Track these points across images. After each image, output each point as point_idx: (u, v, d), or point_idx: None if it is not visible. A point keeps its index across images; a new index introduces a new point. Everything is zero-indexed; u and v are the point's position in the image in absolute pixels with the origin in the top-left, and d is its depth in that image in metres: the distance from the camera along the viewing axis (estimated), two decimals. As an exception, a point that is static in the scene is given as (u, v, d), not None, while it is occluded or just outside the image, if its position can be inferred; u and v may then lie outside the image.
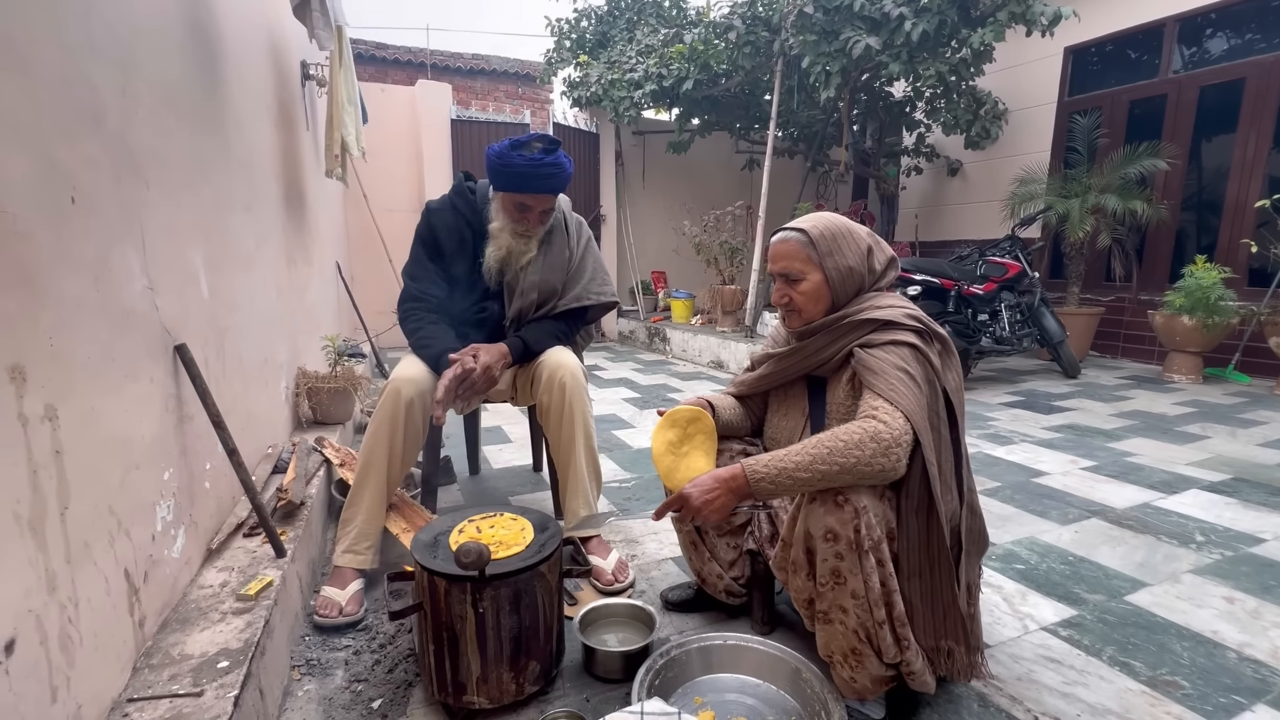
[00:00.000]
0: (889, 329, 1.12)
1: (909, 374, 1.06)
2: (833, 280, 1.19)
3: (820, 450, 0.99)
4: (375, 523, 1.55)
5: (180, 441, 1.23)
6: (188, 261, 1.34)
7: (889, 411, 1.02)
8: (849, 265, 1.19)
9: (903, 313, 1.14)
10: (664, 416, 1.29)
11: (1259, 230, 4.21)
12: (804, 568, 1.06)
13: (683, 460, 1.25)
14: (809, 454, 1.00)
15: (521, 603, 1.09)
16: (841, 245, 1.19)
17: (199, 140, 1.48)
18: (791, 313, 1.24)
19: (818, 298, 1.20)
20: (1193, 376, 4.21)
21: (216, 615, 1.14)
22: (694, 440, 1.27)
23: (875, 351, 1.10)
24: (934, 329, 1.14)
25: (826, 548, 1.00)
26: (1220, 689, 1.21)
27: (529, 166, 1.62)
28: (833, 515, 0.99)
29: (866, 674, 1.04)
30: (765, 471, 1.02)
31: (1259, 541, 1.85)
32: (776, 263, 1.22)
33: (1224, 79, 4.56)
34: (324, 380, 2.42)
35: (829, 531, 0.99)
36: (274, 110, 2.37)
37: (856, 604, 1.00)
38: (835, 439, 1.00)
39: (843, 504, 0.98)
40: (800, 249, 1.19)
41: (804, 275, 1.19)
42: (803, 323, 1.23)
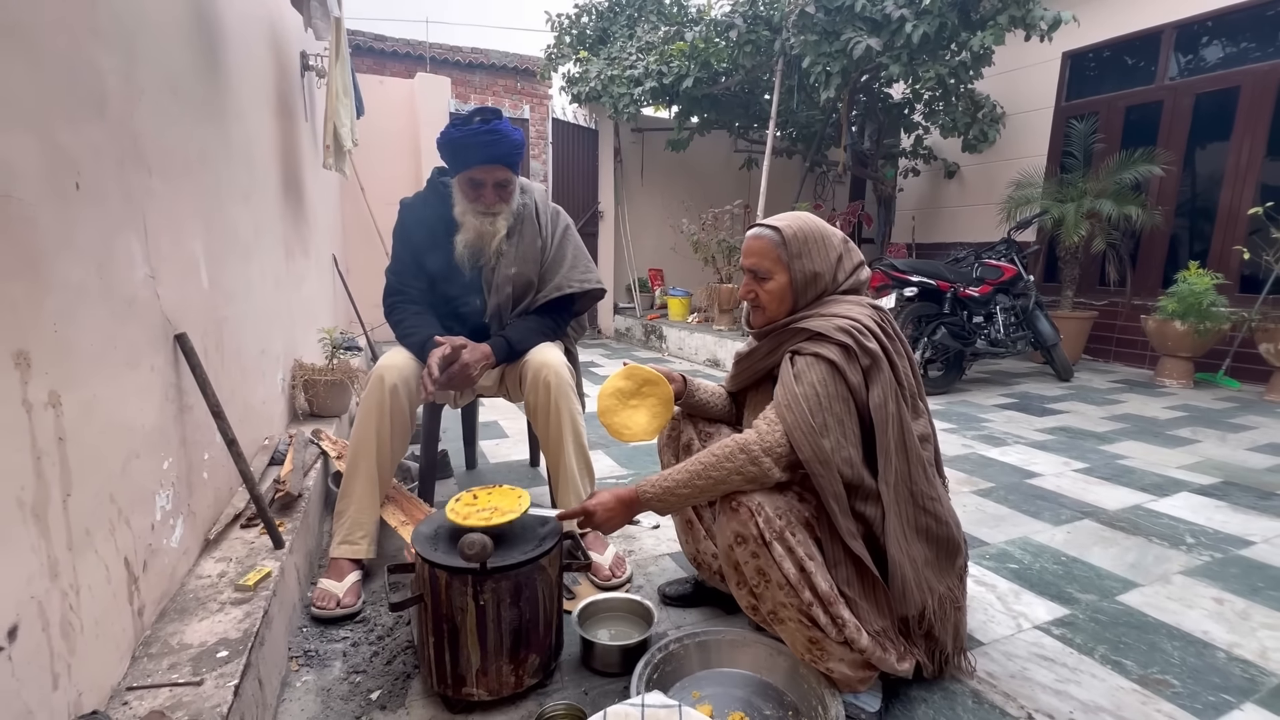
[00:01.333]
0: (818, 340, 1.13)
1: (815, 391, 1.08)
2: (796, 283, 1.21)
3: (696, 467, 1.10)
4: (369, 512, 1.55)
5: (180, 431, 1.23)
6: (188, 250, 1.33)
7: (770, 422, 1.09)
8: (815, 270, 1.21)
9: (840, 324, 1.12)
10: (625, 367, 1.37)
11: (1251, 237, 4.25)
12: (734, 577, 1.12)
13: (625, 409, 1.34)
14: (687, 471, 1.10)
15: (522, 596, 1.10)
16: (811, 249, 1.21)
17: (200, 129, 1.48)
18: (756, 309, 1.27)
19: (782, 298, 1.22)
20: (1184, 381, 4.25)
21: (215, 605, 1.13)
22: (646, 401, 1.34)
23: (797, 360, 1.14)
24: (863, 345, 1.11)
25: (742, 551, 1.06)
26: (1210, 688, 1.23)
27: (466, 136, 1.62)
28: (734, 521, 1.06)
29: (837, 660, 1.07)
30: (653, 491, 1.12)
31: (1248, 544, 1.87)
32: (748, 258, 1.25)
33: (1219, 86, 4.60)
34: (321, 373, 2.41)
35: (737, 536, 1.06)
36: (274, 101, 2.36)
37: (785, 593, 1.05)
38: (710, 454, 1.10)
39: (737, 508, 1.06)
40: (771, 247, 1.21)
41: (771, 274, 1.22)
42: (764, 321, 1.26)
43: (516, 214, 1.77)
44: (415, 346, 1.67)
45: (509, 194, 1.73)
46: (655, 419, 1.34)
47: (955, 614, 1.19)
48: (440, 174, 1.79)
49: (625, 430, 1.34)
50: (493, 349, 1.68)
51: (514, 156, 1.68)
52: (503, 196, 1.72)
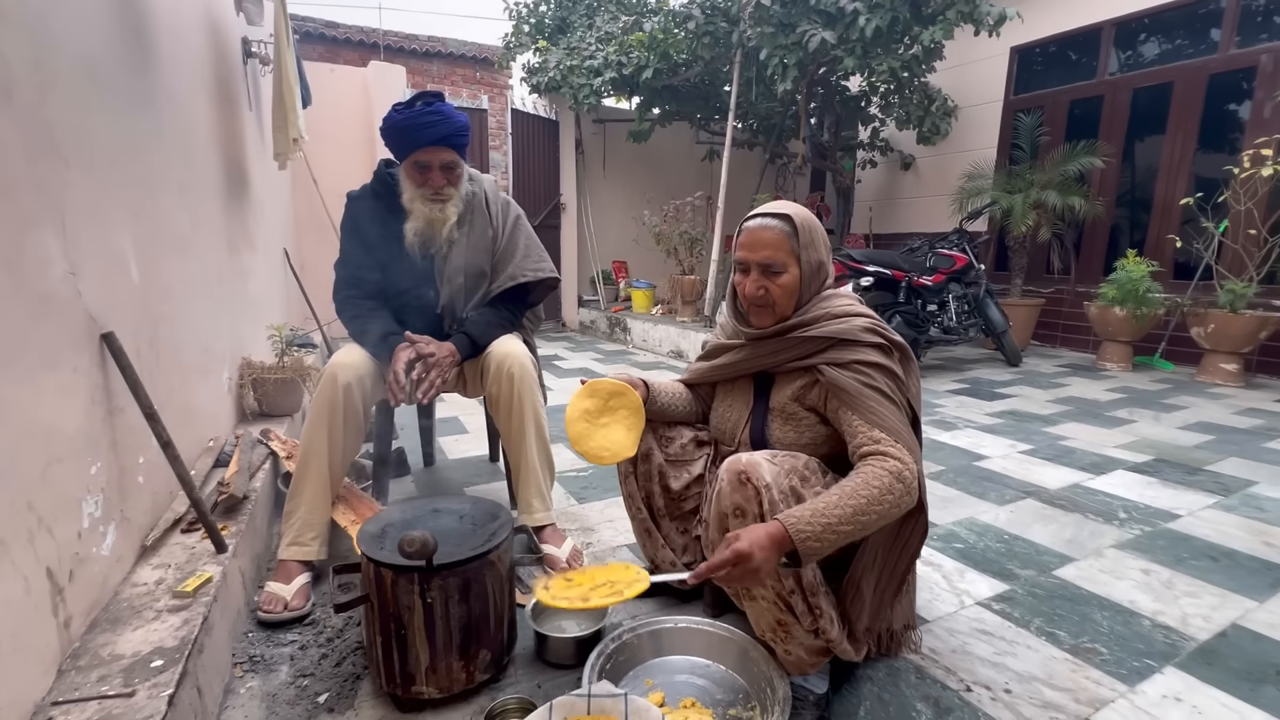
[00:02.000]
0: (852, 347, 1.12)
1: (886, 395, 1.08)
2: (805, 275, 1.16)
3: (856, 502, 0.96)
4: (320, 513, 1.51)
5: (110, 434, 1.18)
6: (115, 245, 1.28)
7: (895, 446, 1.03)
8: (820, 260, 1.17)
9: (861, 326, 1.13)
10: (585, 385, 1.29)
11: (1184, 227, 4.47)
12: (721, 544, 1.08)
13: (599, 429, 1.26)
14: (847, 506, 0.96)
15: (471, 592, 1.09)
16: (816, 238, 1.17)
17: (127, 117, 1.41)
18: (764, 308, 1.18)
19: (793, 293, 1.16)
20: (1123, 364, 4.46)
21: (151, 613, 1.10)
22: (616, 414, 1.28)
23: (846, 374, 1.10)
24: (893, 339, 1.13)
25: (737, 524, 1.04)
26: (1135, 654, 1.30)
27: (409, 119, 1.60)
28: (739, 493, 1.02)
29: (798, 644, 1.08)
30: (809, 530, 0.93)
31: (1175, 517, 1.98)
32: (758, 251, 1.15)
33: (1155, 82, 4.80)
34: (270, 371, 2.34)
35: (737, 508, 1.03)
36: (212, 88, 2.26)
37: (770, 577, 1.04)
38: (869, 487, 0.98)
39: (745, 482, 1.02)
40: (784, 238, 1.14)
41: (786, 267, 1.14)
42: (775, 319, 1.18)
43: (466, 202, 1.74)
44: (372, 344, 1.63)
45: (457, 178, 1.71)
46: (632, 431, 1.27)
47: (906, 595, 1.23)
48: (387, 166, 1.75)
49: (605, 452, 1.25)
50: (456, 347, 1.66)
51: (459, 138, 1.66)
52: (450, 180, 1.69)
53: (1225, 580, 1.60)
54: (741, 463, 1.04)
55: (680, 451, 1.40)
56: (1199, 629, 1.39)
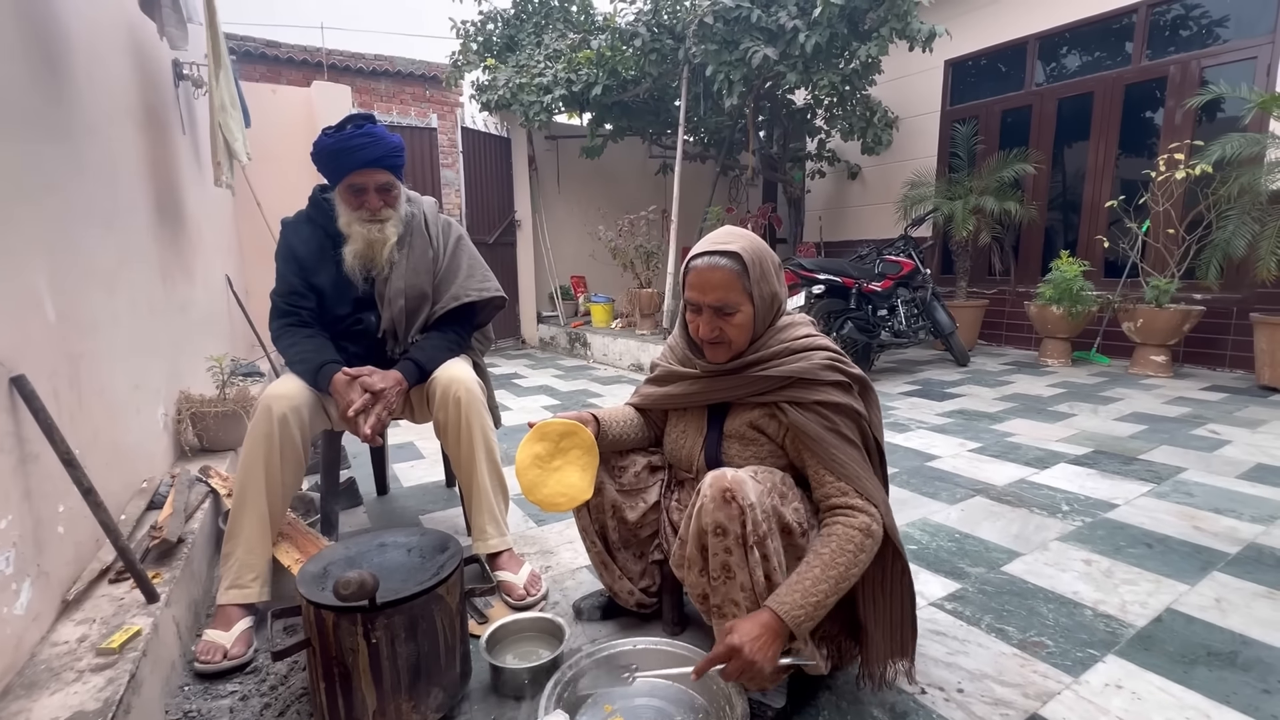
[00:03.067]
0: (813, 386, 1.11)
1: (848, 440, 1.09)
2: (759, 310, 1.14)
3: (839, 570, 1.00)
4: (259, 553, 1.45)
5: (22, 484, 1.11)
6: (26, 283, 1.21)
7: (860, 499, 1.05)
8: (773, 291, 1.15)
9: (820, 363, 1.11)
10: (533, 429, 1.24)
11: (1111, 228, 4.72)
12: (698, 563, 1.08)
13: (552, 475, 1.22)
14: (831, 577, 0.99)
15: (419, 629, 1.06)
16: (767, 270, 1.14)
17: (38, 148, 1.34)
18: (719, 345, 1.17)
19: (747, 329, 1.15)
20: (1063, 360, 4.66)
21: (71, 675, 1.03)
22: (568, 455, 1.24)
23: (809, 416, 1.10)
24: (853, 373, 1.13)
25: (716, 542, 1.03)
26: (1078, 644, 1.35)
27: (340, 142, 1.58)
28: (722, 511, 1.01)
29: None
30: (802, 614, 0.97)
31: (1113, 507, 2.07)
32: (708, 293, 1.12)
33: (1077, 92, 5.09)
34: (211, 404, 2.25)
35: (718, 526, 1.02)
36: (139, 114, 2.18)
37: (745, 596, 1.03)
38: (843, 552, 1.01)
39: (729, 500, 1.01)
40: (735, 278, 1.11)
41: (738, 307, 1.12)
42: (731, 355, 1.17)
43: (405, 223, 1.72)
44: (309, 373, 1.58)
45: (394, 199, 1.68)
46: (586, 471, 1.23)
47: None
48: (322, 191, 1.71)
49: (561, 498, 1.21)
50: (403, 374, 1.62)
51: (394, 159, 1.63)
52: (388, 201, 1.67)
53: (1159, 566, 1.67)
54: (726, 479, 1.02)
55: (634, 480, 1.37)
56: (1136, 615, 1.45)
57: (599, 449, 1.27)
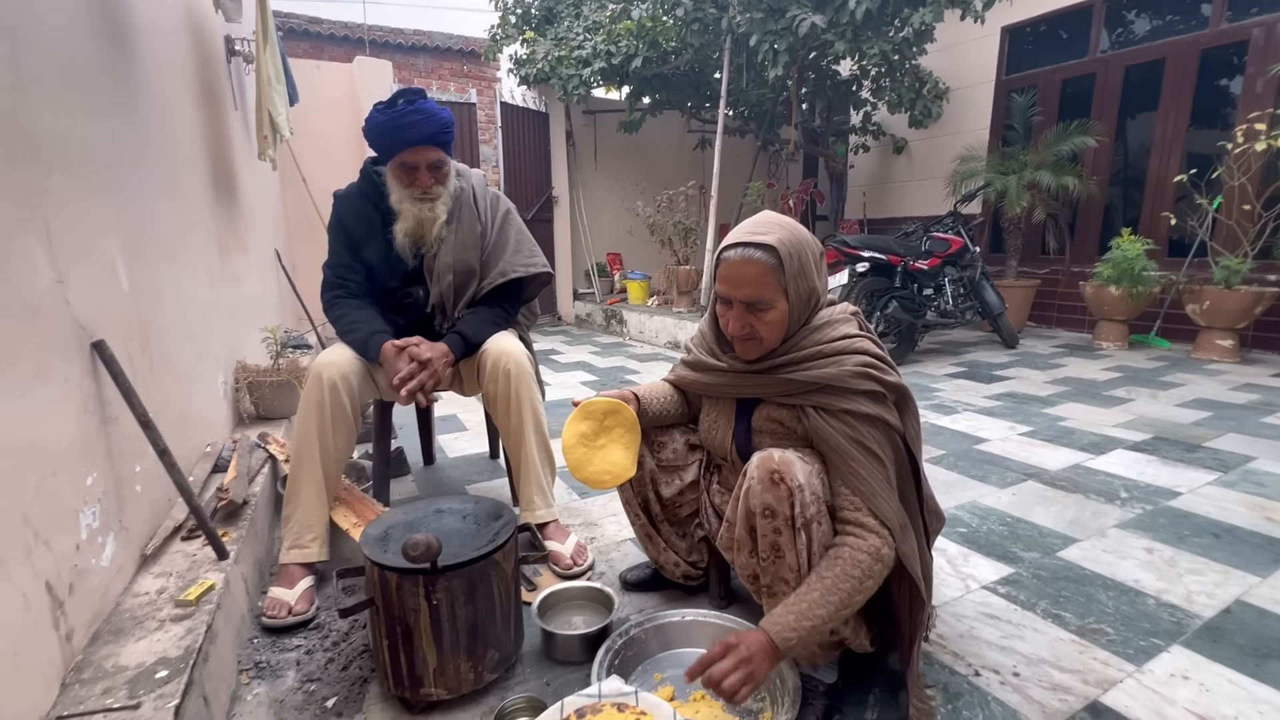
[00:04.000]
0: (843, 395, 1.04)
1: (872, 453, 1.03)
2: (794, 307, 1.07)
3: (840, 596, 0.96)
4: (317, 514, 1.50)
5: (104, 444, 1.16)
6: (103, 252, 1.25)
7: (874, 520, 1.00)
8: (811, 286, 1.09)
9: (853, 369, 1.04)
10: (578, 407, 1.24)
11: (1178, 204, 4.46)
12: (747, 545, 1.07)
13: (597, 453, 1.22)
14: (832, 602, 0.96)
15: (477, 592, 1.08)
16: (805, 264, 1.06)
17: (110, 121, 1.38)
18: (750, 342, 1.11)
19: (781, 327, 1.08)
20: (1119, 343, 4.47)
21: (154, 623, 1.09)
22: (612, 434, 1.25)
23: (834, 424, 1.04)
24: (888, 382, 1.05)
25: (765, 524, 1.02)
26: (1141, 633, 1.31)
27: (392, 120, 1.58)
28: (770, 493, 1.00)
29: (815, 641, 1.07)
30: (794, 636, 0.94)
31: (1175, 495, 1.99)
32: (740, 288, 1.05)
33: (1146, 59, 4.78)
34: (266, 374, 2.32)
35: (767, 508, 1.01)
36: (196, 90, 2.23)
37: (794, 576, 1.02)
38: (848, 577, 0.97)
39: (778, 482, 1.00)
40: (770, 274, 1.04)
41: (772, 303, 1.06)
42: (762, 352, 1.11)
43: (454, 198, 1.72)
44: (359, 343, 1.62)
45: (444, 175, 1.69)
46: (629, 448, 1.24)
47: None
48: (373, 164, 1.73)
49: (607, 475, 1.22)
50: (450, 346, 1.64)
51: (444, 135, 1.64)
52: (438, 178, 1.67)
53: (1228, 557, 1.60)
54: (774, 461, 1.01)
55: (672, 457, 1.37)
56: (1204, 606, 1.40)
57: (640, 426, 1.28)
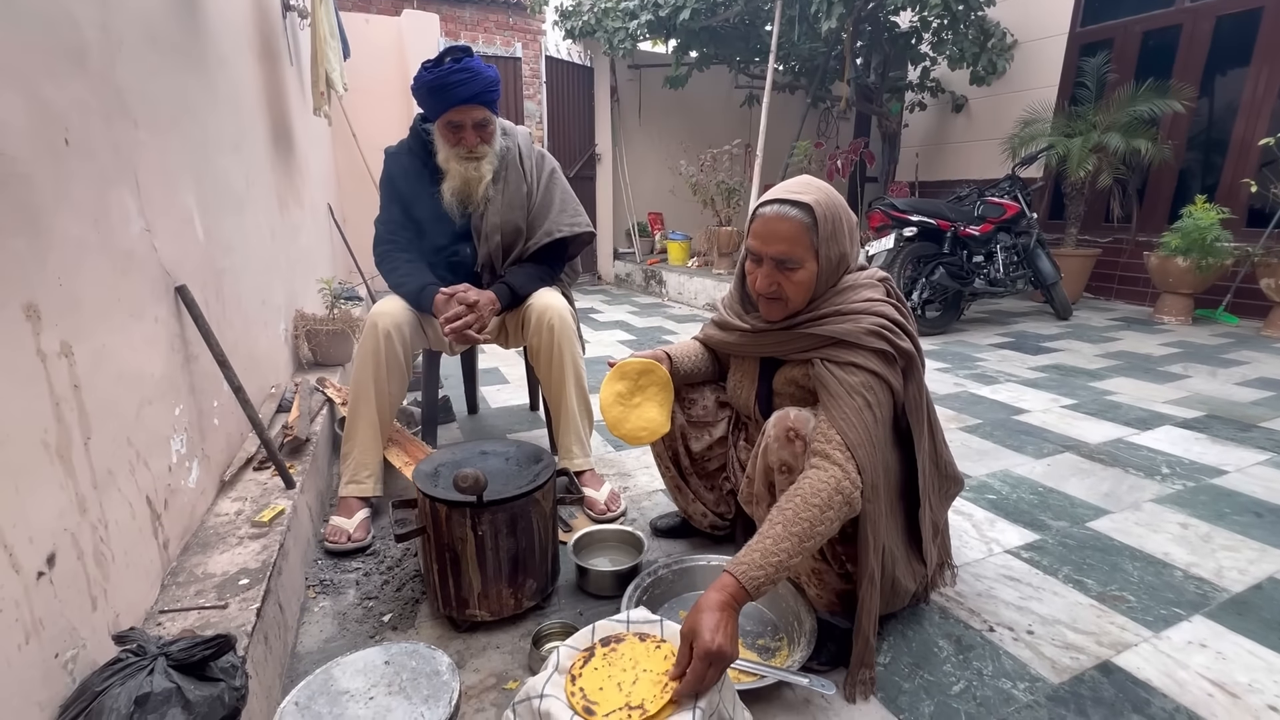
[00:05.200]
0: (853, 349, 1.06)
1: (866, 401, 1.03)
2: (823, 270, 1.08)
3: (801, 527, 0.94)
4: (372, 453, 1.62)
5: (188, 379, 1.29)
6: (181, 203, 1.36)
7: (843, 456, 0.99)
8: (842, 252, 1.09)
9: (869, 326, 1.05)
10: (614, 368, 1.29)
11: (1262, 170, 4.16)
12: (765, 499, 1.13)
13: (633, 411, 1.28)
14: (792, 537, 0.94)
15: (518, 526, 1.18)
16: (839, 229, 1.08)
17: (183, 78, 1.47)
18: (775, 302, 1.12)
19: (808, 288, 1.09)
20: (1183, 318, 4.26)
21: (234, 540, 1.22)
22: (647, 392, 1.30)
23: (835, 371, 1.06)
24: (900, 346, 1.06)
25: (782, 479, 1.07)
26: (1163, 602, 1.32)
27: (439, 78, 1.60)
28: (786, 450, 1.05)
29: (829, 589, 1.13)
30: (761, 575, 0.91)
31: (1221, 473, 1.94)
32: (772, 244, 1.06)
33: (1242, 8, 4.39)
34: (322, 323, 2.46)
35: (783, 464, 1.06)
36: (256, 45, 2.30)
37: None
38: (808, 507, 0.95)
39: (793, 439, 1.04)
40: (803, 232, 1.05)
41: (801, 263, 1.07)
42: (785, 314, 1.13)
43: (500, 157, 1.76)
44: (411, 294, 1.70)
45: (490, 134, 1.72)
46: (664, 406, 1.29)
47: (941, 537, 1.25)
48: (422, 120, 1.78)
49: (643, 432, 1.27)
50: (497, 295, 1.71)
51: (490, 94, 1.66)
52: (484, 137, 1.71)
53: (1268, 535, 1.58)
54: (790, 419, 1.05)
55: (702, 413, 1.42)
56: (1233, 581, 1.39)
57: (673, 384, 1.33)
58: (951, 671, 1.13)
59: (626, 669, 0.86)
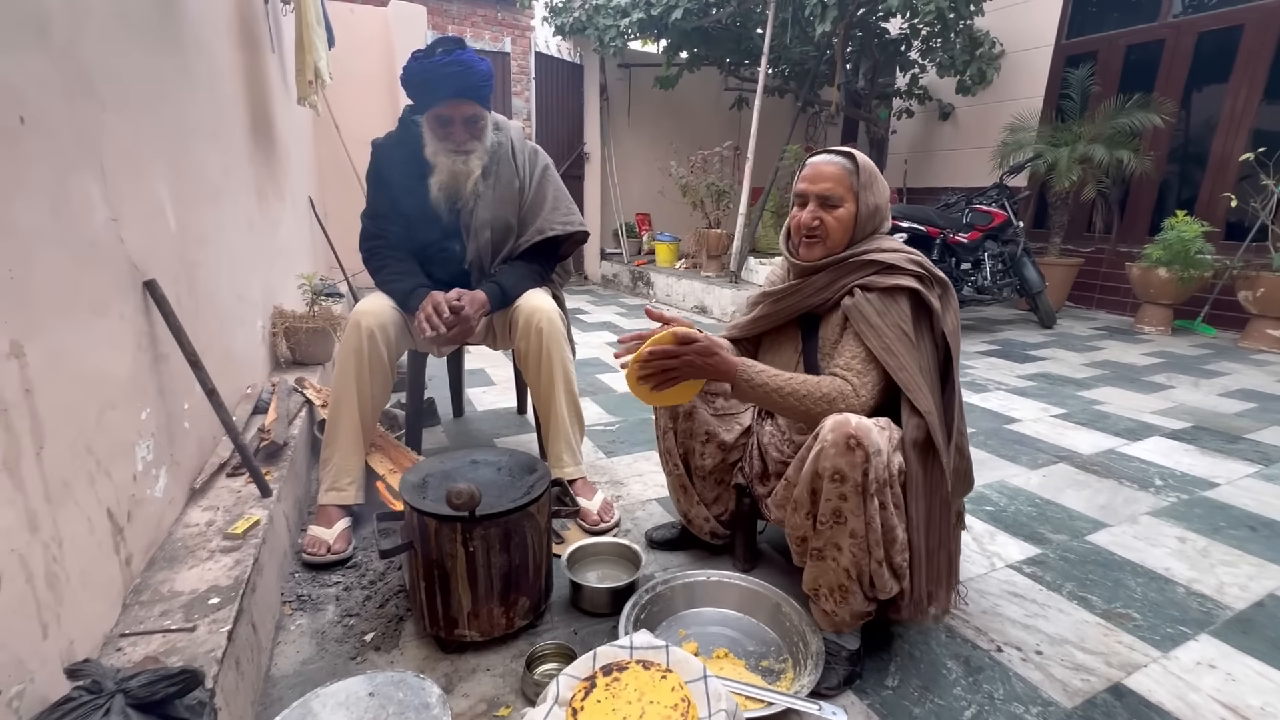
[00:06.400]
0: (891, 272, 1.14)
1: (904, 331, 1.10)
2: (861, 215, 1.18)
3: (799, 388, 1.10)
4: (354, 458, 1.55)
5: (156, 380, 1.20)
6: (152, 192, 1.27)
7: (864, 384, 1.10)
8: (877, 204, 1.19)
9: (905, 257, 1.15)
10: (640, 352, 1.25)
11: (1240, 184, 4.23)
12: (806, 506, 1.07)
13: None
14: (790, 387, 1.11)
15: (511, 542, 1.11)
16: (876, 182, 1.20)
17: (157, 59, 1.38)
18: (815, 240, 1.20)
19: (846, 229, 1.19)
20: (1163, 328, 4.32)
21: (204, 553, 1.14)
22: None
23: (872, 297, 1.13)
24: (935, 273, 1.16)
25: (832, 488, 1.01)
26: (1168, 620, 1.30)
27: (429, 70, 1.54)
28: (844, 458, 0.99)
29: (849, 609, 1.08)
30: (748, 375, 1.12)
31: (1213, 486, 1.95)
32: (818, 183, 1.18)
33: (1223, 24, 4.47)
34: (302, 320, 2.36)
35: (837, 472, 1.00)
36: (236, 29, 2.20)
37: (854, 543, 1.02)
38: (817, 387, 1.10)
39: (854, 448, 0.98)
40: (845, 174, 1.17)
41: (842, 202, 1.17)
42: (825, 253, 1.20)
43: (491, 152, 1.70)
44: (400, 295, 1.62)
45: (480, 130, 1.66)
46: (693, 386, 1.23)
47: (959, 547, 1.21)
48: (411, 112, 1.70)
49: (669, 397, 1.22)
50: (487, 295, 1.64)
51: (482, 89, 1.60)
52: (474, 133, 1.64)
53: (1264, 550, 1.58)
54: (851, 426, 0.99)
55: (726, 405, 1.42)
56: (1235, 598, 1.38)
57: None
58: (962, 695, 1.09)
59: (632, 700, 0.80)
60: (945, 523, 1.11)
